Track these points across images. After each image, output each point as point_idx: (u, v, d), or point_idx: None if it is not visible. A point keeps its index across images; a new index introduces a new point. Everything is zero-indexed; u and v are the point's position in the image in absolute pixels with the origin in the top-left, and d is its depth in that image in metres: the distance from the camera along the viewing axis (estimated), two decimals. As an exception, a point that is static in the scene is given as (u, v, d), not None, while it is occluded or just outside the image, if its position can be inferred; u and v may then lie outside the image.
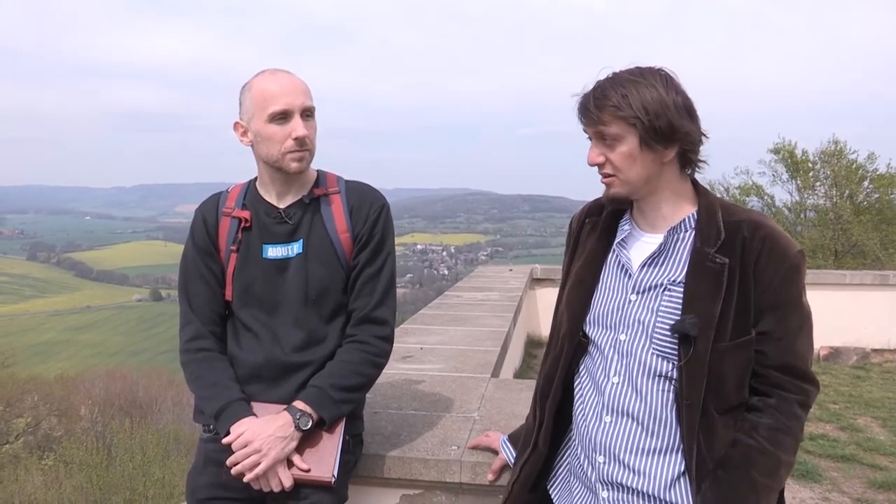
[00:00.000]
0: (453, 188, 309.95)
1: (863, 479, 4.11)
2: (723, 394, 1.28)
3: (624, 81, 1.29)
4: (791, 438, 1.29)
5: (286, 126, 1.68)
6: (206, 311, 1.82)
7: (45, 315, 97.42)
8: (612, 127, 1.29)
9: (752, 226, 1.31)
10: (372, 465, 1.97)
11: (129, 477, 15.96)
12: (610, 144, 1.31)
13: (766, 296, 1.28)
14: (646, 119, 1.26)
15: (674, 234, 1.36)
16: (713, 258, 1.29)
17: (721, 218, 1.33)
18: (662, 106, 1.27)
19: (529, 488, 1.55)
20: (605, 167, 1.34)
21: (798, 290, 1.30)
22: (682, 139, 1.30)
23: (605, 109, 1.29)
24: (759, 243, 1.29)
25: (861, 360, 7.38)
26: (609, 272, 1.44)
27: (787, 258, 1.29)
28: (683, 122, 1.28)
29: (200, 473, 1.79)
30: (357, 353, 1.76)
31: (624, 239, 1.42)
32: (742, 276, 1.28)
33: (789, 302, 1.29)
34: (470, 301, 5.84)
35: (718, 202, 1.37)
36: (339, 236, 1.79)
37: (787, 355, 1.29)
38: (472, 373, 3.02)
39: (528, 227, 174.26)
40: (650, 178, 1.33)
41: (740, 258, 1.29)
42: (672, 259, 1.35)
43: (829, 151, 17.03)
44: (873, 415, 5.47)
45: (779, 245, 1.29)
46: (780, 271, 1.28)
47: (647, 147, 1.29)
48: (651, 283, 1.36)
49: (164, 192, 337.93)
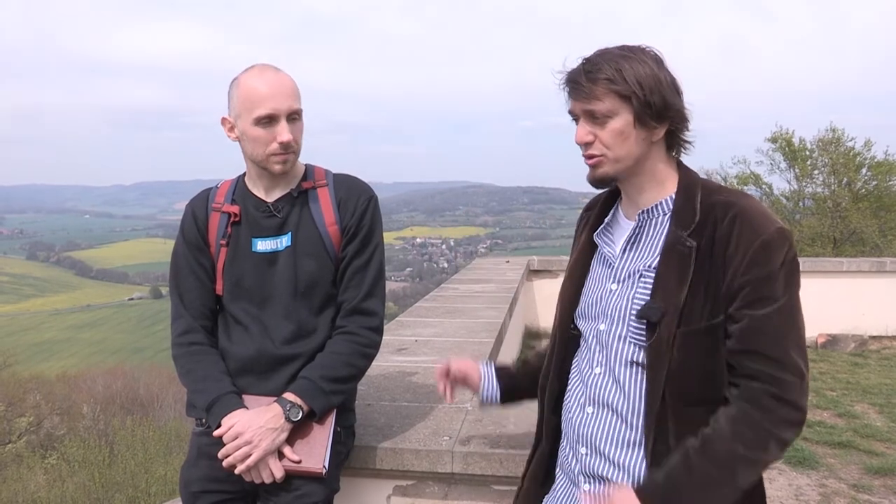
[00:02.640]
0: (452, 181, 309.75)
1: (860, 465, 4.13)
2: (688, 383, 1.23)
3: (615, 56, 1.25)
4: (754, 431, 1.17)
5: (272, 130, 1.68)
6: (197, 305, 1.83)
7: (45, 314, 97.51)
8: (605, 102, 1.24)
9: (725, 206, 1.25)
10: (364, 456, 1.98)
11: (131, 474, 16.01)
12: (601, 121, 1.26)
13: (736, 277, 1.20)
14: (641, 93, 1.22)
15: (649, 218, 1.33)
16: (683, 241, 1.25)
17: (700, 199, 1.28)
18: (656, 81, 1.24)
19: (541, 482, 1.53)
20: (593, 147, 1.28)
21: (771, 269, 1.19)
22: (673, 116, 1.27)
23: (598, 83, 1.23)
24: (730, 224, 1.22)
25: (859, 347, 7.40)
26: (596, 264, 1.43)
27: (758, 236, 1.20)
28: (675, 99, 1.26)
29: (193, 466, 1.80)
30: (347, 345, 1.77)
31: (606, 228, 1.41)
32: (712, 260, 1.23)
33: (760, 282, 1.19)
34: (466, 293, 5.84)
35: (701, 183, 1.32)
36: (328, 229, 1.80)
37: (754, 341, 1.19)
38: (466, 364, 3.02)
39: (528, 219, 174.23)
40: (640, 158, 1.29)
41: (711, 240, 1.23)
42: (648, 244, 1.32)
43: (826, 139, 17.03)
44: (871, 401, 5.49)
45: (749, 224, 1.21)
46: (750, 250, 1.19)
47: (641, 124, 1.25)
48: (629, 271, 1.33)
49: (164, 190, 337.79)
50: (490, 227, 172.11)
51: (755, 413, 1.18)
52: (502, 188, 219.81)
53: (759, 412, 1.18)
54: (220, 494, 1.76)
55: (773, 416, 1.18)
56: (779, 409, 1.18)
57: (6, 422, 22.84)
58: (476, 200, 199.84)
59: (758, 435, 1.17)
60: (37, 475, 17.67)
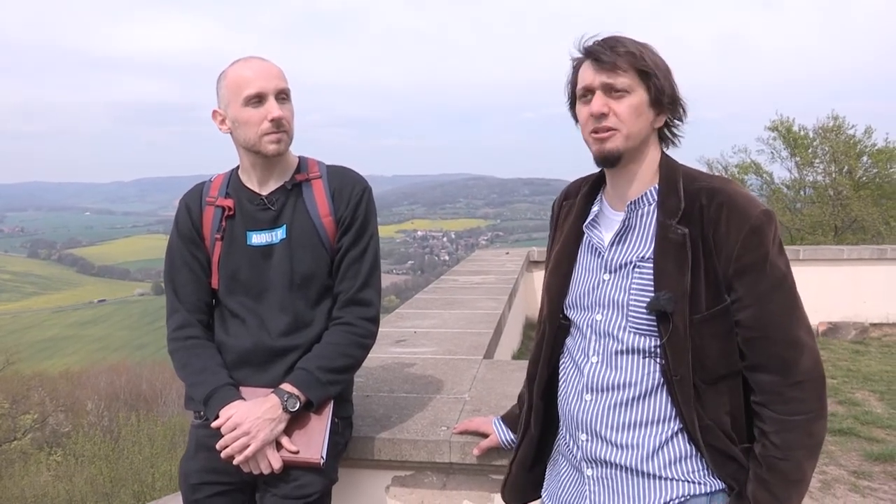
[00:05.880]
0: (453, 173, 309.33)
1: (860, 451, 4.14)
2: (707, 365, 1.27)
3: (633, 40, 1.29)
4: (796, 433, 1.25)
5: (261, 109, 1.69)
6: (193, 299, 1.83)
7: (47, 312, 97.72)
8: (625, 77, 1.26)
9: (709, 193, 1.28)
10: (362, 447, 1.99)
11: (137, 469, 16.10)
12: (619, 95, 1.28)
13: (730, 263, 1.24)
14: (658, 75, 1.27)
15: (636, 209, 1.35)
16: (674, 230, 1.27)
17: (682, 187, 1.31)
18: (668, 69, 1.29)
19: (528, 468, 1.57)
20: (607, 119, 1.28)
21: (762, 253, 1.24)
22: (673, 107, 1.31)
23: (622, 56, 1.26)
24: (717, 210, 1.26)
25: (860, 335, 7.40)
26: (583, 254, 1.44)
27: (747, 221, 1.24)
28: (678, 91, 1.31)
29: (192, 458, 1.81)
30: (343, 335, 1.77)
31: (595, 219, 1.42)
32: (704, 245, 1.26)
33: (754, 266, 1.24)
34: (465, 285, 5.84)
35: (681, 171, 1.35)
36: (322, 220, 1.80)
37: (761, 325, 1.25)
38: (464, 355, 3.03)
39: (528, 210, 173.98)
40: (644, 139, 1.32)
41: (700, 227, 1.26)
42: (638, 235, 1.34)
43: (827, 127, 16.96)
44: (871, 388, 5.50)
45: (736, 209, 1.25)
46: (740, 237, 1.23)
47: (653, 105, 1.29)
48: (621, 262, 1.35)
49: (164, 186, 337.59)
50: (491, 219, 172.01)
51: (791, 418, 1.25)
52: (503, 180, 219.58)
53: (793, 415, 1.25)
54: (219, 486, 1.76)
55: (804, 406, 1.25)
56: (802, 394, 1.25)
57: (11, 419, 22.94)
58: (477, 193, 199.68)
59: (803, 431, 1.25)
60: (43, 471, 17.76)
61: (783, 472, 1.25)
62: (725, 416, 1.29)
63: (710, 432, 1.28)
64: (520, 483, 1.60)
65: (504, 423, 1.81)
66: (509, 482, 1.62)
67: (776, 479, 1.25)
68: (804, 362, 1.25)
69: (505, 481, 1.63)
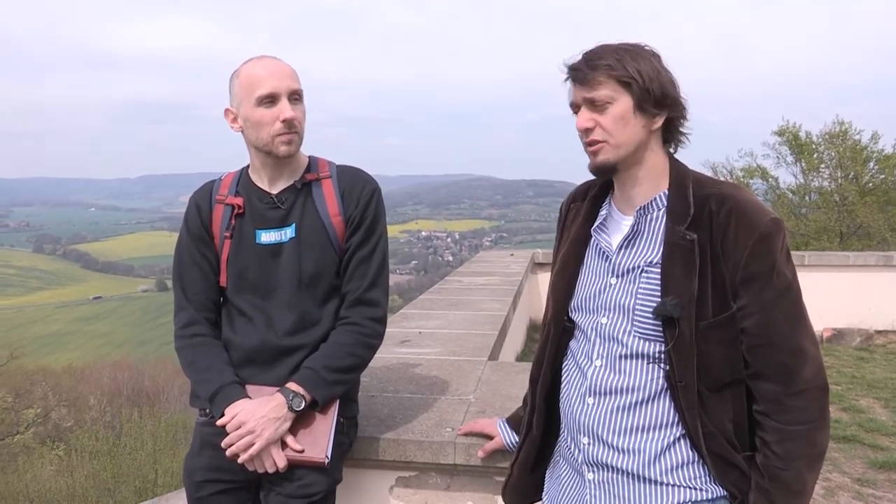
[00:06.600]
0: (457, 174, 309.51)
1: (864, 459, 4.12)
2: (711, 371, 1.27)
3: (616, 48, 1.29)
4: (797, 443, 1.25)
5: (274, 109, 1.69)
6: (201, 297, 1.84)
7: (51, 307, 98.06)
8: (605, 88, 1.27)
9: (719, 199, 1.28)
10: (367, 447, 1.99)
11: (139, 465, 16.14)
12: (601, 108, 1.29)
13: (737, 271, 1.25)
14: (640, 80, 1.26)
15: (645, 214, 1.35)
16: (683, 235, 1.28)
17: (692, 193, 1.31)
18: (654, 71, 1.28)
19: (529, 470, 1.57)
20: (594, 132, 1.31)
21: (770, 261, 1.24)
22: (671, 106, 1.30)
23: (598, 69, 1.27)
24: (726, 217, 1.26)
25: (864, 342, 7.37)
26: (590, 257, 1.44)
27: (756, 229, 1.24)
28: (673, 90, 1.30)
29: (197, 456, 1.81)
30: (350, 335, 1.77)
31: (603, 222, 1.42)
32: (713, 251, 1.26)
33: (762, 275, 1.24)
34: (470, 286, 5.84)
35: (691, 176, 1.35)
36: (332, 220, 1.80)
37: (765, 333, 1.25)
38: (469, 356, 3.03)
39: (533, 212, 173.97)
40: (639, 145, 1.32)
41: (709, 233, 1.26)
42: (647, 240, 1.34)
43: (833, 133, 16.91)
44: (876, 395, 5.47)
45: (746, 217, 1.25)
46: (749, 244, 1.24)
47: (640, 110, 1.28)
48: (629, 266, 1.34)
49: (169, 183, 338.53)
50: (495, 220, 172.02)
51: (793, 427, 1.25)
52: (507, 181, 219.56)
53: (795, 424, 1.25)
54: (223, 484, 1.76)
55: (805, 415, 1.25)
56: (803, 404, 1.25)
57: (14, 413, 23.03)
58: (481, 193, 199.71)
59: (804, 440, 1.25)
60: (45, 466, 17.82)
61: (785, 481, 1.25)
62: (729, 423, 1.29)
63: (712, 439, 1.28)
64: (521, 485, 1.60)
65: (509, 426, 1.81)
66: (510, 484, 1.62)
67: (778, 489, 1.25)
68: (806, 372, 1.25)
69: (506, 483, 1.63)
